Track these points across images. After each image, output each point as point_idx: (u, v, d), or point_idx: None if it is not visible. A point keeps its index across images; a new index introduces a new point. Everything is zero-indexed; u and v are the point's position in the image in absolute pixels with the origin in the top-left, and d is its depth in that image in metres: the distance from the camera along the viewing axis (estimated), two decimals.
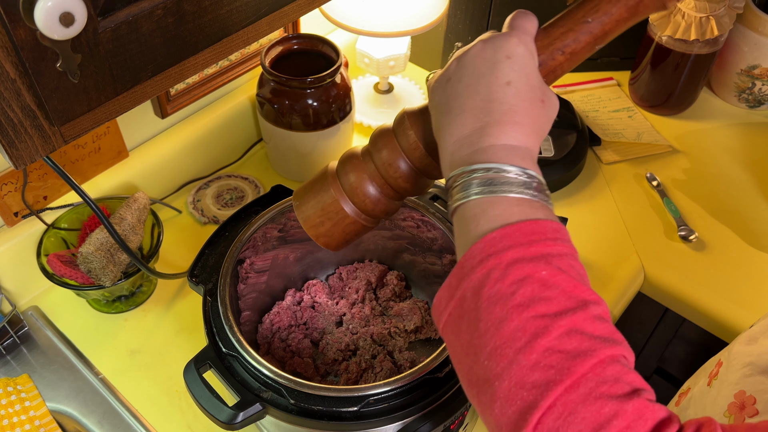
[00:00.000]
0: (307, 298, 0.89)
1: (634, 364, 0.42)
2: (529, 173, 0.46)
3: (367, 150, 0.60)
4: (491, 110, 0.48)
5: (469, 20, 1.19)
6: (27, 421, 0.81)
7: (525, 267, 0.42)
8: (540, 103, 0.50)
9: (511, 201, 0.45)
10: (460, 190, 0.47)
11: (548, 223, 0.44)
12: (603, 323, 0.42)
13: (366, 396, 0.63)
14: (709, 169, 1.15)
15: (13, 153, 0.42)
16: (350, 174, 0.59)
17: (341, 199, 0.60)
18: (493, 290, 0.42)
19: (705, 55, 1.15)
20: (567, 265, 0.43)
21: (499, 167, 0.46)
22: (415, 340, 0.86)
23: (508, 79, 0.49)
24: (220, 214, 1.04)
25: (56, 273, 0.84)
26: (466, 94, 0.49)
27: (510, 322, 0.41)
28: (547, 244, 0.43)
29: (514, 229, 0.43)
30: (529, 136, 0.48)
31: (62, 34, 0.38)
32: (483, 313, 0.42)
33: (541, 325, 0.40)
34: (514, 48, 0.50)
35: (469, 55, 0.51)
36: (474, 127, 0.48)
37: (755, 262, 1.01)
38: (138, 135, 1.01)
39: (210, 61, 0.50)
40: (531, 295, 0.41)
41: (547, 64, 0.52)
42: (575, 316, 0.41)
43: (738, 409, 0.64)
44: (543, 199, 0.46)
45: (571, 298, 0.41)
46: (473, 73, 0.50)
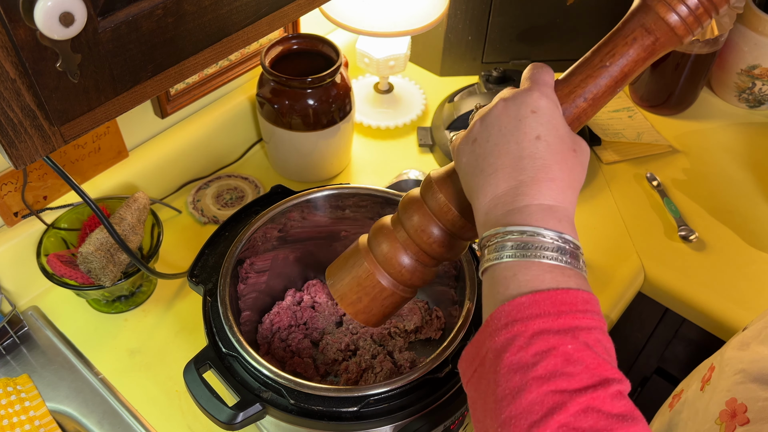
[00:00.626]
0: (307, 298, 0.89)
1: (633, 364, 0.42)
2: (565, 238, 0.45)
3: (398, 218, 0.59)
4: (524, 167, 0.47)
5: (469, 20, 1.19)
6: (27, 421, 0.80)
7: (550, 339, 0.41)
8: (572, 153, 0.49)
9: (544, 267, 0.44)
10: (493, 251, 0.46)
11: (579, 293, 0.43)
12: (622, 401, 0.41)
13: (366, 396, 0.63)
14: (709, 169, 1.15)
15: (13, 153, 0.42)
16: (383, 244, 0.58)
17: (377, 272, 0.58)
18: (515, 358, 0.41)
19: (705, 55, 1.15)
20: (594, 339, 0.42)
21: (535, 230, 0.45)
22: (415, 340, 0.86)
23: (537, 133, 0.48)
24: (220, 214, 1.04)
25: (56, 273, 0.84)
26: (495, 153, 0.49)
27: (528, 393, 0.40)
28: (576, 316, 0.42)
29: (544, 296, 0.42)
30: (565, 192, 0.47)
31: (62, 34, 0.38)
32: (502, 379, 0.42)
33: (559, 400, 0.39)
34: (537, 101, 0.49)
35: (493, 114, 0.50)
36: (508, 186, 0.47)
37: (755, 262, 1.01)
38: (138, 135, 1.01)
39: (210, 61, 0.50)
40: (553, 368, 0.40)
41: (570, 112, 0.51)
42: (595, 394, 0.40)
43: (729, 417, 0.63)
44: (577, 267, 0.45)
45: (593, 376, 0.40)
46: (500, 132, 0.49)
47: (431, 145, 1.16)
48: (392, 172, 1.10)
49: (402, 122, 1.19)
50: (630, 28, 0.50)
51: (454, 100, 1.17)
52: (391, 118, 1.19)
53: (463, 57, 1.26)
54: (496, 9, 1.17)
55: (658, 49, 0.50)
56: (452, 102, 1.17)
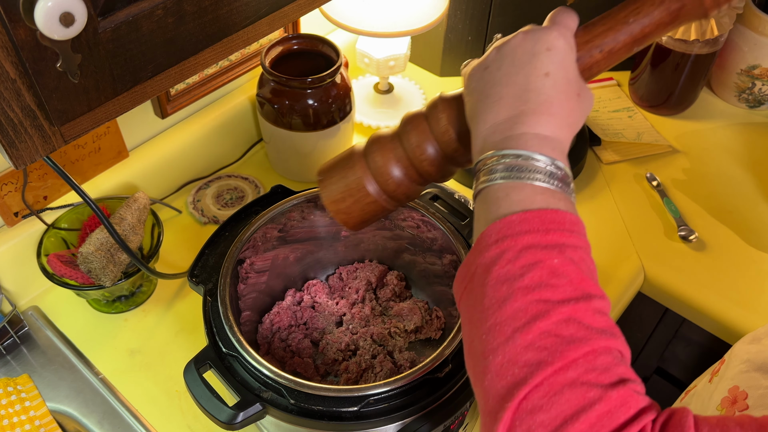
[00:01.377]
0: (307, 298, 0.89)
1: (633, 364, 0.43)
2: (557, 164, 0.47)
3: (396, 132, 0.60)
4: (528, 99, 0.49)
5: (469, 20, 1.19)
6: (27, 421, 0.81)
7: (538, 253, 0.43)
8: (576, 96, 0.50)
9: (536, 189, 0.46)
10: (487, 173, 0.48)
11: (567, 214, 0.45)
12: (603, 317, 0.43)
13: (366, 396, 0.63)
14: (709, 169, 1.15)
15: (13, 153, 0.42)
16: (377, 153, 0.60)
17: (365, 177, 0.60)
18: (503, 270, 0.43)
19: (705, 55, 1.15)
20: (579, 257, 0.44)
21: (529, 155, 0.46)
22: (415, 340, 0.86)
23: (546, 70, 0.49)
24: (220, 214, 1.04)
25: (56, 273, 0.84)
26: (503, 82, 0.50)
27: (513, 301, 0.42)
28: (563, 234, 0.44)
29: (534, 215, 0.44)
30: (562, 128, 0.49)
31: (62, 34, 0.38)
32: (489, 290, 0.44)
33: (542, 309, 0.42)
34: (555, 41, 0.50)
35: (510, 45, 0.51)
36: (509, 115, 0.49)
37: (755, 262, 1.01)
38: (138, 135, 1.01)
39: (210, 61, 0.50)
40: (539, 280, 0.42)
41: (584, 60, 0.52)
42: (577, 306, 0.42)
43: (730, 404, 0.65)
44: (566, 192, 0.47)
45: (576, 289, 0.43)
46: (512, 63, 0.50)
47: None
48: None
49: None
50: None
51: None
52: (391, 118, 1.19)
53: (463, 57, 1.26)
54: (496, 9, 1.17)
55: (682, 17, 0.51)
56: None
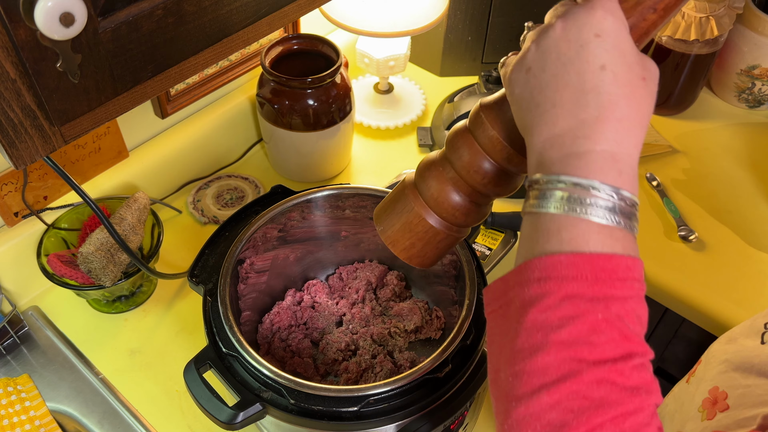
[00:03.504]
0: (307, 298, 0.89)
1: None
2: (622, 194, 0.41)
3: (445, 155, 0.54)
4: (587, 103, 0.42)
5: (469, 20, 1.19)
6: (27, 421, 0.81)
7: (581, 305, 0.39)
8: (641, 82, 0.43)
9: (592, 226, 0.41)
10: (538, 196, 0.43)
11: (623, 259, 0.41)
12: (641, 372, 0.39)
13: (366, 396, 0.63)
14: (709, 169, 1.15)
15: (13, 153, 0.42)
16: (431, 186, 0.54)
17: (428, 216, 0.54)
18: (542, 316, 0.40)
19: (705, 55, 1.15)
20: (627, 310, 0.40)
21: (590, 184, 0.41)
22: (415, 340, 0.86)
23: (601, 62, 0.42)
24: (220, 214, 1.04)
25: (56, 273, 0.84)
26: (553, 86, 0.43)
27: (546, 354, 0.39)
28: (614, 284, 0.40)
29: (585, 259, 0.40)
30: (632, 133, 0.42)
31: (62, 34, 0.38)
32: (523, 332, 0.40)
33: (575, 368, 0.38)
34: (602, 22, 0.42)
35: (551, 38, 0.44)
36: (567, 125, 0.42)
37: (755, 262, 1.01)
38: (138, 135, 1.01)
39: (210, 61, 0.50)
40: (577, 335, 0.39)
41: (638, 26, 0.45)
42: (614, 367, 0.38)
43: (711, 404, 0.65)
44: (628, 227, 0.42)
45: (616, 349, 0.39)
46: (558, 60, 0.43)
47: (431, 146, 1.16)
48: (392, 172, 1.10)
49: (402, 122, 1.19)
50: None
51: (454, 100, 1.17)
52: (391, 118, 1.19)
53: (463, 57, 1.26)
54: (496, 9, 1.17)
55: None
56: (452, 102, 1.17)
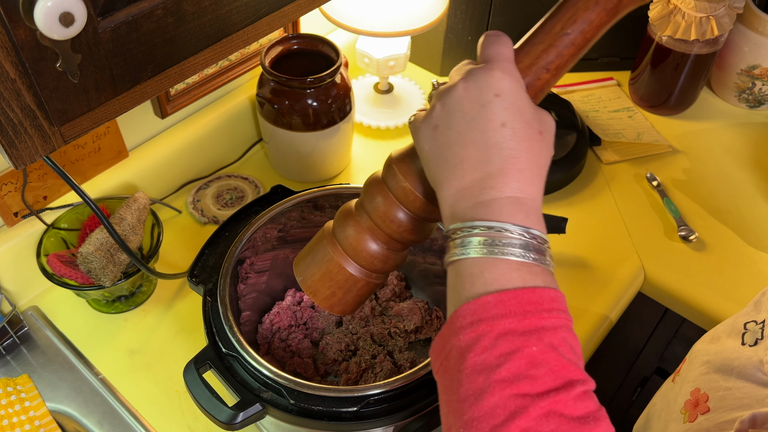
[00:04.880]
0: (307, 298, 0.89)
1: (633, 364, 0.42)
2: (532, 233, 0.44)
3: (362, 204, 0.56)
4: (491, 158, 0.45)
5: (469, 20, 1.19)
6: (27, 421, 0.80)
7: (515, 340, 0.41)
8: (539, 135, 0.47)
9: (511, 265, 0.43)
10: (458, 245, 0.45)
11: (546, 291, 0.43)
12: (585, 402, 0.41)
13: (366, 396, 0.63)
14: (709, 169, 1.15)
15: (13, 153, 0.42)
16: (349, 234, 0.56)
17: (346, 265, 0.56)
18: (480, 359, 0.41)
19: (705, 55, 1.15)
20: (560, 339, 0.42)
21: (502, 226, 0.44)
22: (415, 340, 0.86)
23: (502, 120, 0.45)
24: (220, 214, 1.04)
25: (56, 273, 0.84)
26: (459, 143, 0.46)
27: (491, 396, 0.40)
28: (542, 316, 0.42)
29: (510, 296, 0.42)
30: (533, 182, 0.46)
31: (62, 34, 0.38)
32: (465, 379, 0.41)
33: (521, 404, 0.39)
34: (500, 83, 0.46)
35: (454, 99, 0.47)
36: (474, 178, 0.45)
37: (755, 262, 1.01)
38: (138, 135, 1.01)
39: (210, 61, 0.50)
40: (516, 371, 0.40)
41: (534, 85, 0.49)
42: (557, 398, 0.40)
43: (692, 406, 0.65)
44: (543, 263, 0.44)
45: (557, 378, 0.40)
46: (462, 118, 0.46)
47: None
48: None
49: (402, 122, 1.19)
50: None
51: None
52: (391, 118, 1.19)
53: (463, 57, 1.26)
54: (496, 9, 1.17)
55: (621, 10, 0.47)
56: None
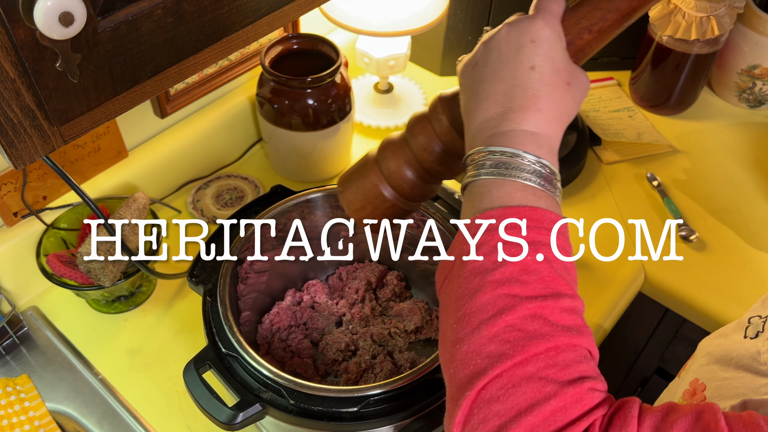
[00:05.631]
0: (306, 298, 0.89)
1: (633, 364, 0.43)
2: (542, 162, 0.47)
3: (404, 136, 0.61)
4: (515, 95, 0.48)
5: (469, 20, 1.19)
6: (26, 421, 0.80)
7: (512, 248, 0.44)
8: (565, 86, 0.50)
9: (517, 186, 0.46)
10: (473, 168, 0.48)
11: (547, 213, 0.46)
12: (571, 315, 0.43)
13: (366, 396, 0.63)
14: (710, 169, 1.15)
15: (12, 153, 0.42)
16: (389, 160, 0.61)
17: (380, 185, 0.61)
18: (477, 263, 0.45)
19: (705, 55, 1.15)
20: (554, 256, 0.45)
21: (514, 152, 0.47)
22: (415, 340, 0.86)
23: (532, 63, 0.49)
24: (219, 214, 1.04)
25: (56, 273, 0.84)
26: (491, 79, 0.50)
27: (483, 294, 0.43)
28: (539, 232, 0.45)
29: (513, 211, 0.45)
30: (550, 123, 0.49)
31: (62, 33, 0.38)
32: (463, 281, 0.45)
33: (509, 303, 0.43)
34: (539, 31, 0.49)
35: (495, 40, 0.51)
36: (497, 112, 0.49)
37: (755, 262, 1.01)
38: (138, 135, 1.01)
39: (210, 61, 0.50)
40: (509, 275, 0.43)
41: (575, 43, 0.51)
42: (545, 303, 0.43)
43: (690, 396, 0.65)
44: (550, 190, 0.47)
45: (546, 287, 0.43)
46: (498, 58, 0.50)
47: None
48: None
49: (402, 122, 1.19)
50: None
51: None
52: (391, 118, 1.19)
53: None
54: (496, 9, 1.17)
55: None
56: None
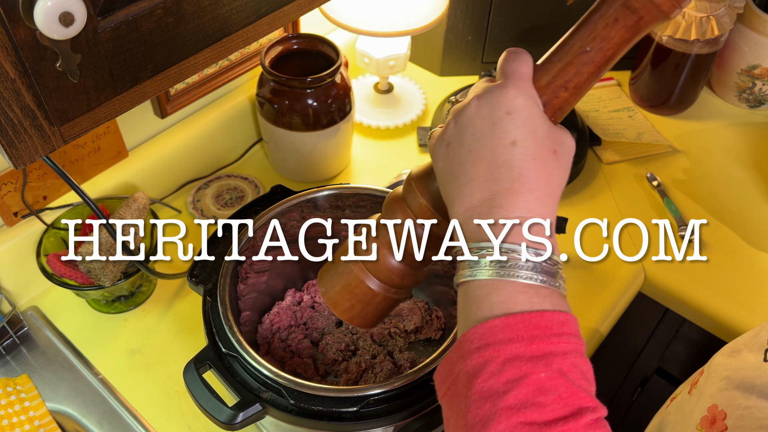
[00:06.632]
0: (306, 298, 0.89)
1: (633, 364, 0.42)
2: (541, 254, 0.43)
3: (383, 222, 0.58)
4: (500, 177, 0.44)
5: (469, 20, 1.19)
6: (27, 421, 0.80)
7: (523, 366, 0.40)
8: (552, 155, 0.45)
9: (518, 287, 0.42)
10: (466, 266, 0.45)
11: (554, 315, 0.42)
12: (596, 431, 0.40)
13: (366, 396, 0.63)
14: (709, 169, 1.15)
15: (12, 153, 0.42)
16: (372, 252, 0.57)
17: (366, 279, 0.57)
18: (486, 385, 0.40)
19: (705, 55, 1.15)
20: (569, 365, 0.41)
21: (509, 248, 0.43)
22: (415, 340, 0.86)
23: (512, 138, 0.44)
24: (219, 214, 1.04)
25: (56, 273, 0.84)
26: (470, 161, 0.46)
27: (497, 424, 0.39)
28: (550, 341, 0.41)
29: (517, 320, 0.41)
30: (543, 202, 0.44)
31: (62, 33, 0.38)
32: (472, 406, 0.41)
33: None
34: (513, 101, 0.45)
35: (467, 116, 0.47)
36: (483, 198, 0.45)
37: (755, 262, 1.01)
38: (138, 135, 1.01)
39: (210, 61, 0.50)
40: (524, 398, 0.39)
41: (552, 104, 0.47)
42: (566, 426, 0.39)
43: (709, 423, 0.63)
44: (554, 285, 0.43)
45: (565, 406, 0.39)
46: (473, 136, 0.46)
47: None
48: (392, 172, 1.10)
49: (402, 122, 1.19)
50: (610, 7, 0.45)
51: (451, 100, 1.17)
52: (391, 118, 1.19)
53: (463, 57, 1.26)
54: (496, 9, 1.17)
55: (642, 28, 0.46)
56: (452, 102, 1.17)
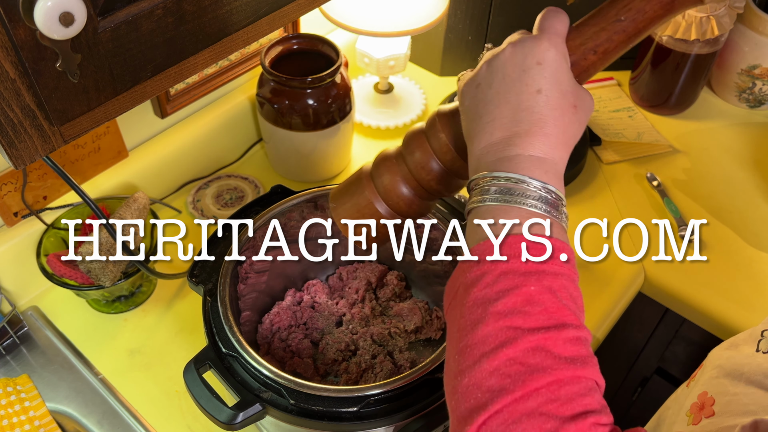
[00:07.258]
0: (307, 298, 0.89)
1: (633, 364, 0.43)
2: (548, 188, 0.46)
3: (400, 152, 0.60)
4: (520, 120, 0.48)
5: (469, 20, 1.19)
6: (27, 421, 0.80)
7: (516, 279, 0.43)
8: (572, 109, 0.49)
9: (523, 213, 0.45)
10: (478, 194, 0.48)
11: (553, 240, 0.45)
12: (575, 346, 0.42)
13: (366, 396, 0.63)
14: (709, 169, 1.15)
15: (12, 153, 0.42)
16: (384, 176, 0.60)
17: (375, 201, 0.60)
18: (481, 293, 0.44)
19: (705, 55, 1.15)
20: (559, 285, 0.44)
21: (520, 178, 0.46)
22: (415, 340, 0.86)
23: (538, 86, 0.48)
24: (219, 214, 1.04)
25: (56, 273, 0.84)
26: (495, 102, 0.49)
27: (485, 326, 0.43)
28: (545, 261, 0.44)
29: (518, 239, 0.44)
30: (556, 148, 0.48)
31: (62, 33, 0.38)
32: (466, 311, 0.44)
33: (511, 336, 0.42)
34: (545, 53, 0.48)
35: (499, 60, 0.50)
36: (502, 136, 0.48)
37: (755, 262, 1.01)
38: (138, 135, 1.01)
39: (210, 61, 0.50)
40: (512, 306, 0.43)
41: (579, 64, 0.50)
42: (547, 335, 0.42)
43: (698, 409, 0.65)
44: (556, 216, 0.46)
45: (550, 318, 0.42)
46: (503, 80, 0.49)
47: None
48: None
49: (402, 122, 1.19)
50: None
51: (454, 100, 1.17)
52: (391, 118, 1.19)
53: (463, 57, 1.26)
54: (496, 9, 1.17)
55: (677, 6, 0.48)
56: (452, 102, 1.17)
